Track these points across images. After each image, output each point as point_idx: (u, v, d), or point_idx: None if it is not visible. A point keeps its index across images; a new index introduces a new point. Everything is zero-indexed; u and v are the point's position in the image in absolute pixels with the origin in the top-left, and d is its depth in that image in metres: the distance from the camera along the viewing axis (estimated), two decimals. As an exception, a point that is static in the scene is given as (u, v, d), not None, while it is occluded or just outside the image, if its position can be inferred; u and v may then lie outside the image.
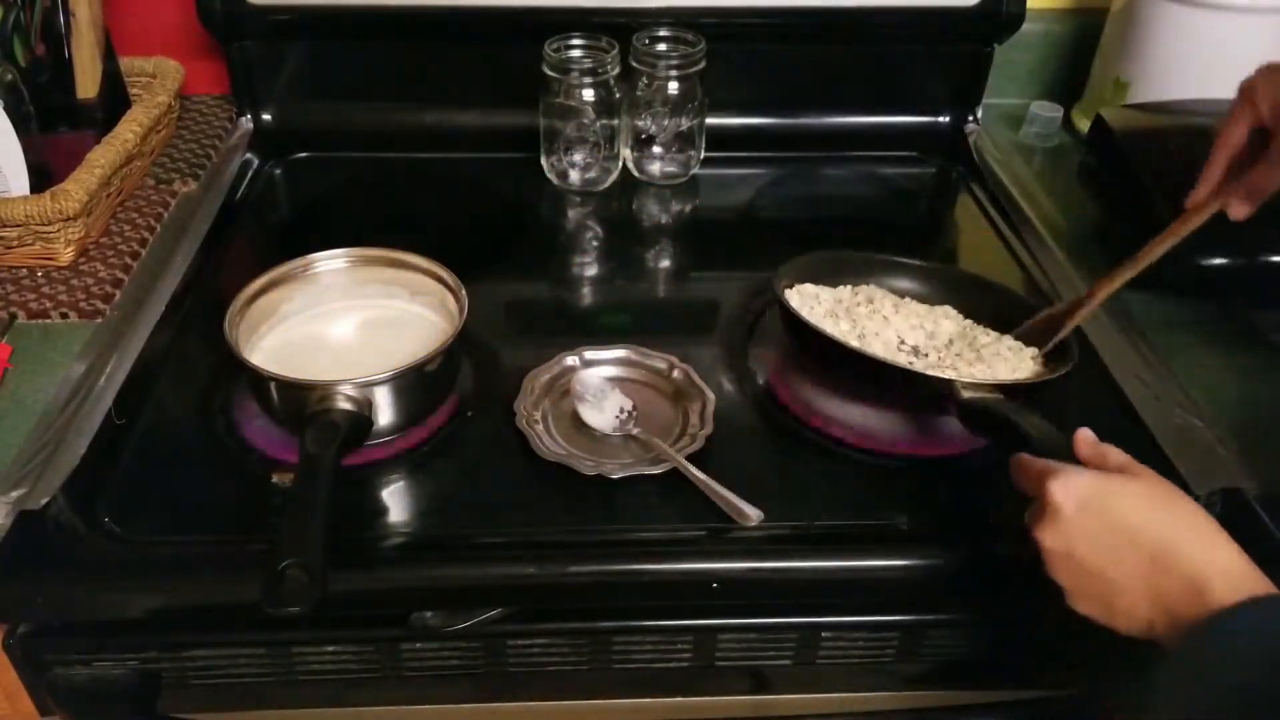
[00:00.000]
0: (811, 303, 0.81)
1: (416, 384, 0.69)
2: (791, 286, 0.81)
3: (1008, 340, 0.77)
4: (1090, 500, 0.54)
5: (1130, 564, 0.53)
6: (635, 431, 0.72)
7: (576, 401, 0.73)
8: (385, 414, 0.68)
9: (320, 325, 0.77)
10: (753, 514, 0.64)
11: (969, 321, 0.80)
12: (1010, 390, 0.69)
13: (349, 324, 0.78)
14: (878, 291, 0.82)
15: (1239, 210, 0.71)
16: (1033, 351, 0.75)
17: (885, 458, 0.72)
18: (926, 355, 0.76)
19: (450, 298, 0.76)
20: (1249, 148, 0.71)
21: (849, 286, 0.83)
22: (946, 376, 0.70)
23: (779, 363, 0.81)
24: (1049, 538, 0.55)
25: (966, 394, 0.68)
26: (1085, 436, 0.60)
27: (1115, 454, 0.58)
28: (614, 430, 0.72)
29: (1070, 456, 0.59)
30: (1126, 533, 0.53)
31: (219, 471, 0.70)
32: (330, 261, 0.78)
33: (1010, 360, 0.74)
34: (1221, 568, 0.51)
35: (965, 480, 0.71)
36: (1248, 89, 0.70)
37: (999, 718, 0.73)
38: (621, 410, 0.73)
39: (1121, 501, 0.54)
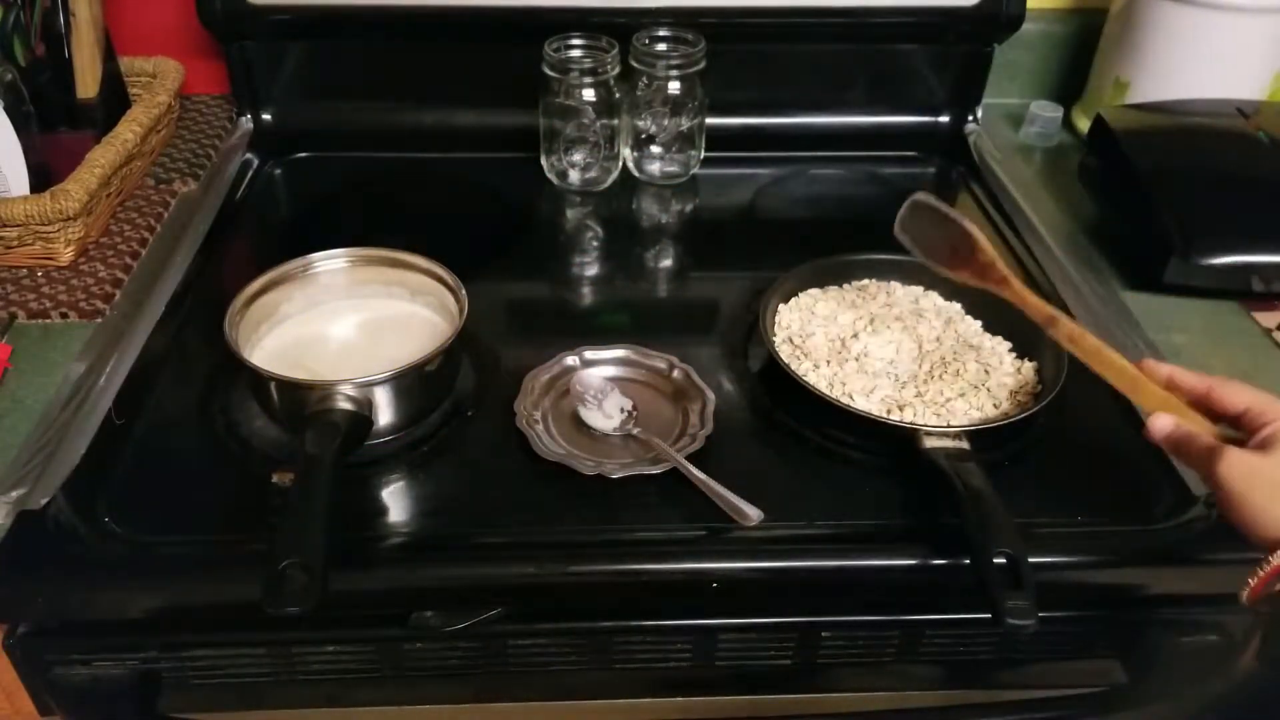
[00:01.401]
0: (808, 317, 0.81)
1: (416, 384, 0.70)
2: (788, 300, 0.82)
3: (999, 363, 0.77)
4: None
5: None
6: (635, 431, 0.71)
7: (576, 401, 0.73)
8: (385, 414, 0.68)
9: (320, 325, 0.77)
10: (753, 514, 0.64)
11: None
12: (976, 435, 0.68)
13: (349, 324, 0.78)
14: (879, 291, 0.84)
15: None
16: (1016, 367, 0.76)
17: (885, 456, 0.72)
18: (905, 386, 0.75)
19: (450, 298, 0.76)
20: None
21: (853, 283, 0.85)
22: (912, 424, 0.69)
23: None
24: None
25: (930, 443, 0.67)
26: None
27: None
28: (614, 430, 0.72)
29: (999, 520, 0.60)
30: None
31: (219, 471, 0.70)
32: (330, 261, 0.78)
33: (996, 388, 0.74)
34: None
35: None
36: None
37: (999, 718, 0.73)
38: (621, 410, 0.73)
39: None
